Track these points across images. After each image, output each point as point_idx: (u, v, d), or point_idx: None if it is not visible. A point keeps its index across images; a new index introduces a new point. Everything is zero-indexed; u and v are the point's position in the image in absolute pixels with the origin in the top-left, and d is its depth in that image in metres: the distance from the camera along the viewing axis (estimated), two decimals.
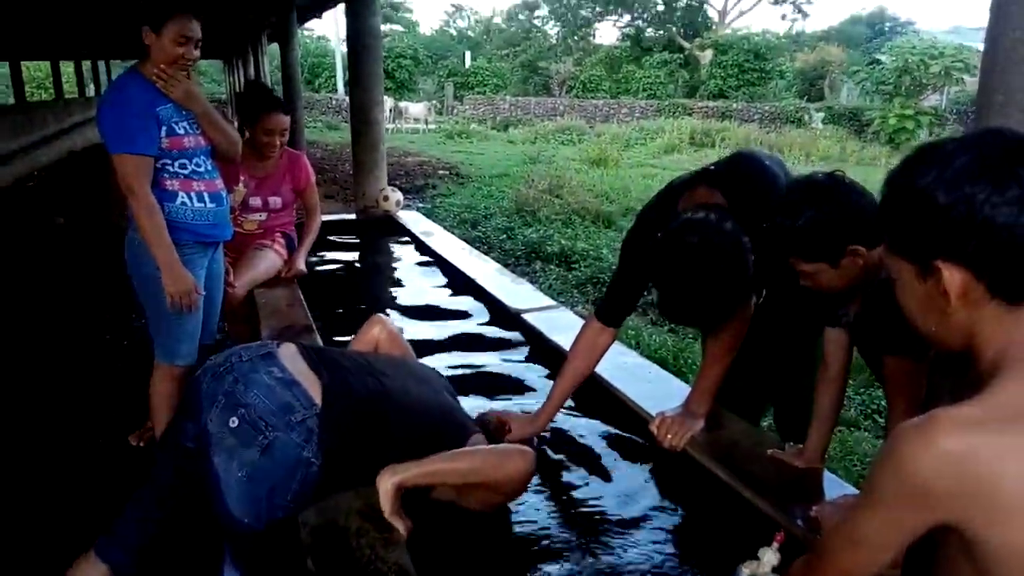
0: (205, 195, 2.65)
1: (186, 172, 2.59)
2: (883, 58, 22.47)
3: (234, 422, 1.59)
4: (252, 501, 1.58)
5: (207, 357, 1.87)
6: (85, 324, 4.61)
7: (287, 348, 1.76)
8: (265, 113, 3.28)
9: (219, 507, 1.59)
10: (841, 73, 27.87)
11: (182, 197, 2.60)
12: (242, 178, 3.33)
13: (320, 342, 2.69)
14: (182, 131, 2.57)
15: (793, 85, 28.68)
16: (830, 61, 28.95)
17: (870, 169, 13.71)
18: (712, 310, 1.91)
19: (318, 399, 1.64)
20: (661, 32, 31.66)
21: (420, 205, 8.83)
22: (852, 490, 1.80)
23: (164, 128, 2.51)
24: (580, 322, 3.01)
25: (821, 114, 21.70)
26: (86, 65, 21.74)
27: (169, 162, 2.56)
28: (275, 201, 3.42)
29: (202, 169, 2.65)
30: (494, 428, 2.07)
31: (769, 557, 1.46)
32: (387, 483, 1.60)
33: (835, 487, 1.81)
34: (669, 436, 2.03)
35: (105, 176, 2.71)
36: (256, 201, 3.40)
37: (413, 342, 3.08)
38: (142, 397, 2.80)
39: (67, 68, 21.22)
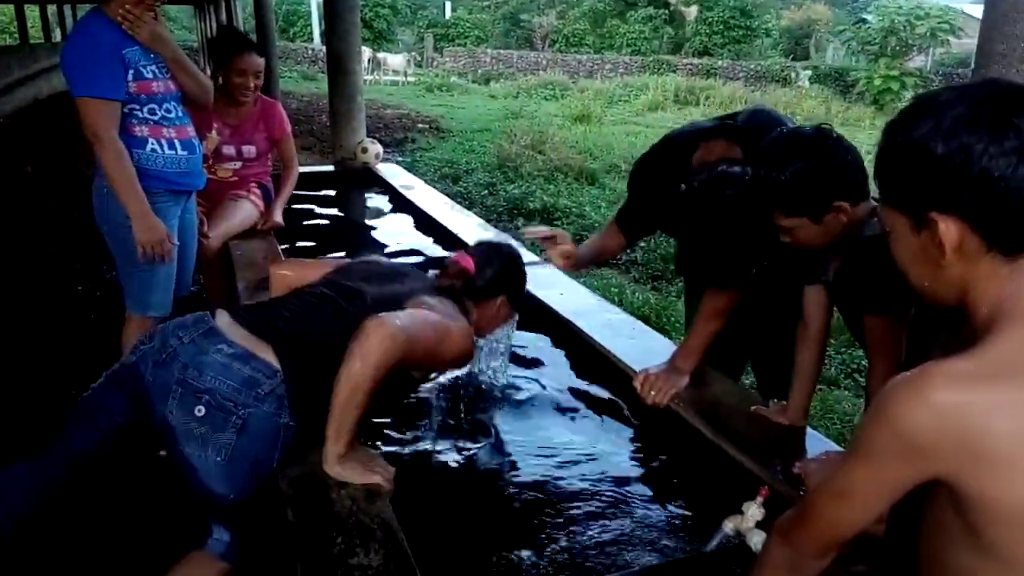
0: (176, 142, 2.56)
1: (155, 118, 2.50)
2: (869, 17, 22.31)
3: (200, 411, 1.51)
4: (235, 478, 1.54)
5: (183, 310, 1.81)
6: (56, 274, 4.50)
7: (222, 317, 1.66)
8: (237, 54, 3.17)
9: (199, 488, 1.54)
10: (827, 32, 27.69)
11: (152, 144, 2.51)
12: (215, 126, 3.23)
13: None
14: (150, 75, 2.47)
15: (779, 44, 28.47)
16: (817, 19, 28.75)
17: (855, 130, 13.70)
18: (736, 265, 1.93)
19: (276, 363, 1.57)
20: None
21: (399, 159, 8.68)
22: (834, 447, 1.81)
23: (131, 72, 2.41)
24: (565, 278, 2.99)
25: (808, 72, 21.57)
26: (51, 9, 20.99)
27: (137, 107, 2.46)
28: (249, 150, 3.33)
29: (172, 115, 2.56)
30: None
31: (753, 511, 1.46)
32: (333, 471, 1.55)
33: (817, 444, 1.82)
34: (653, 393, 2.01)
35: (72, 124, 2.60)
36: (230, 149, 3.30)
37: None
38: (115, 350, 2.74)
39: (32, 12, 20.48)
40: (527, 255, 3.26)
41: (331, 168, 5.22)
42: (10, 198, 6.19)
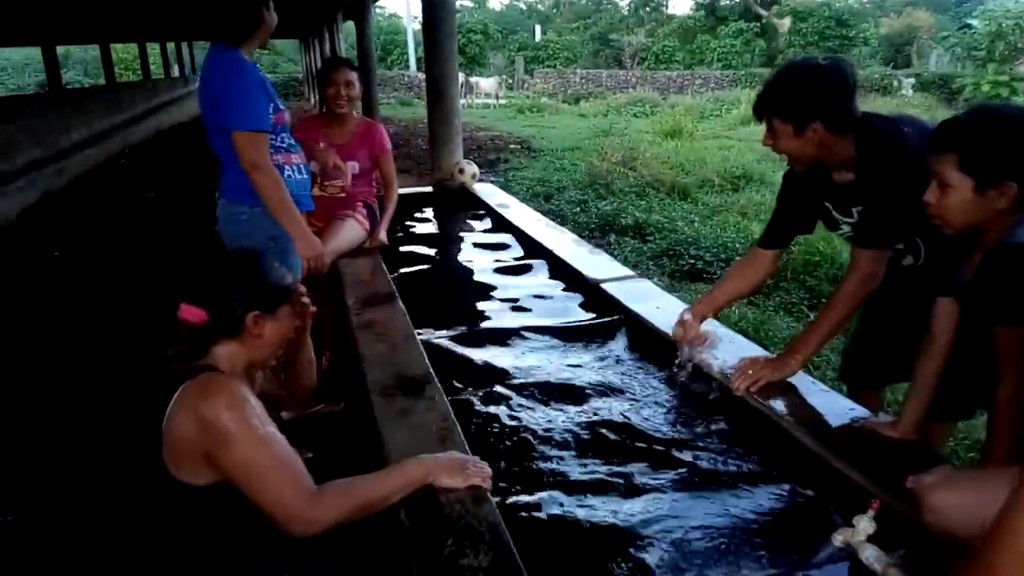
0: (301, 167, 2.78)
1: (285, 146, 2.70)
2: (975, 22, 21.24)
3: None
4: None
5: None
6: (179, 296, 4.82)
7: None
8: (329, 69, 3.43)
9: None
10: (929, 39, 26.49)
11: (288, 170, 2.71)
12: (321, 145, 3.43)
13: (403, 309, 2.75)
14: (282, 107, 2.67)
15: (878, 52, 27.45)
16: (918, 26, 27.59)
17: None
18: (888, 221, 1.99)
19: None
20: (737, 0, 30.65)
21: (493, 179, 8.84)
22: (944, 462, 1.75)
23: (272, 105, 2.60)
24: (660, 292, 2.99)
25: (911, 80, 20.69)
26: (170, 47, 22.50)
27: (274, 137, 2.65)
28: (353, 166, 3.51)
29: (289, 143, 2.75)
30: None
31: (864, 525, 1.44)
32: (438, 481, 1.61)
33: (929, 460, 1.75)
34: (741, 378, 2.05)
35: (192, 153, 2.82)
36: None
37: (492, 309, 3.14)
38: None
39: (153, 50, 22.02)
40: (621, 270, 3.29)
41: (430, 189, 5.39)
42: (134, 222, 6.67)
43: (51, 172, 7.94)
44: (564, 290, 3.33)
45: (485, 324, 3.00)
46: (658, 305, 2.79)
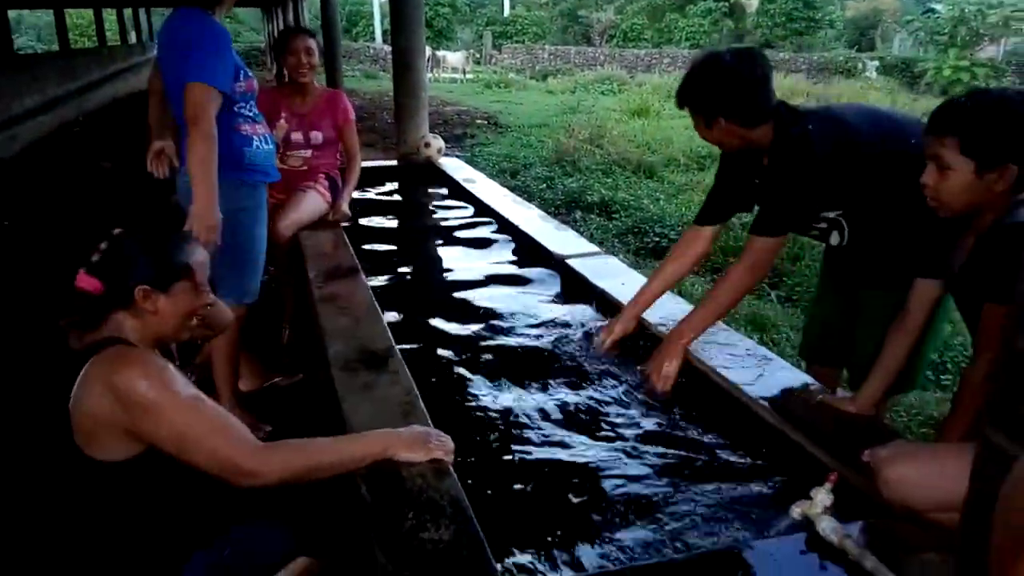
0: (267, 137, 2.70)
1: (252, 115, 2.62)
2: (938, 7, 21.56)
3: None
4: None
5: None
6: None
7: None
8: (289, 37, 3.36)
9: None
10: (894, 22, 26.84)
11: (256, 141, 2.63)
12: (283, 114, 3.36)
13: (366, 283, 2.71)
14: (250, 74, 2.58)
15: (843, 35, 27.74)
16: (883, 10, 27.91)
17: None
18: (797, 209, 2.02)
19: None
20: None
21: (459, 154, 8.77)
22: (902, 438, 1.78)
23: (241, 72, 2.51)
24: (625, 268, 3.00)
25: (875, 63, 20.96)
26: (127, 12, 21.82)
27: (244, 105, 2.57)
28: (316, 136, 3.44)
29: (256, 113, 2.67)
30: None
31: (822, 497, 1.45)
32: (398, 455, 1.59)
33: (885, 435, 1.78)
34: (657, 382, 2.10)
35: (145, 122, 2.72)
36: (298, 136, 3.43)
37: (457, 284, 3.12)
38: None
39: (109, 15, 21.34)
40: (586, 246, 3.28)
41: (395, 163, 5.32)
42: (89, 192, 6.48)
43: (3, 139, 7.68)
44: (530, 266, 3.31)
45: (449, 299, 2.98)
46: (623, 281, 2.79)
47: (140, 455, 1.51)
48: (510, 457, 1.91)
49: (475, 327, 2.69)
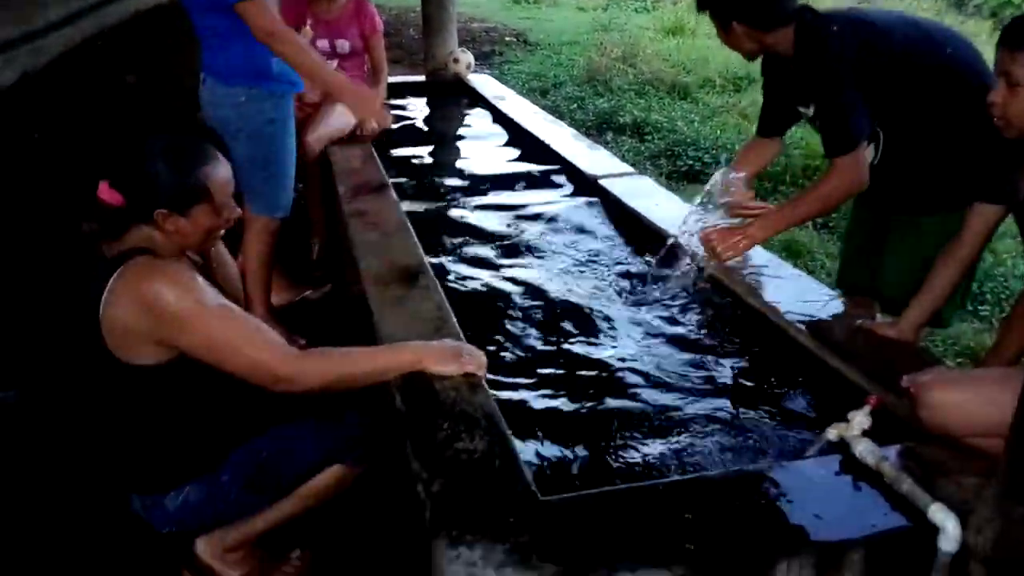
0: None
1: None
2: None
3: None
4: None
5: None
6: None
7: None
8: None
9: None
10: None
11: None
12: (308, 22, 3.28)
13: (395, 199, 2.68)
14: None
15: None
16: None
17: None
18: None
19: None
20: None
21: (487, 72, 8.56)
22: (944, 364, 1.75)
23: None
24: (659, 189, 2.93)
25: None
26: None
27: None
28: (342, 44, 3.37)
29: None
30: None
31: (860, 420, 1.43)
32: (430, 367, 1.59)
33: (924, 362, 1.75)
34: (721, 248, 2.06)
35: (173, 36, 2.64)
36: (323, 44, 3.35)
37: (485, 202, 3.07)
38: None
39: None
40: (620, 166, 3.20)
41: (422, 78, 5.20)
42: (115, 106, 6.43)
43: (28, 51, 7.61)
44: (561, 185, 3.25)
45: (478, 217, 2.94)
46: (657, 202, 2.73)
47: (171, 361, 1.54)
48: (541, 372, 1.91)
49: (504, 245, 2.67)
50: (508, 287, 2.35)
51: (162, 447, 1.66)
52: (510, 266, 2.48)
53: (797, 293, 2.05)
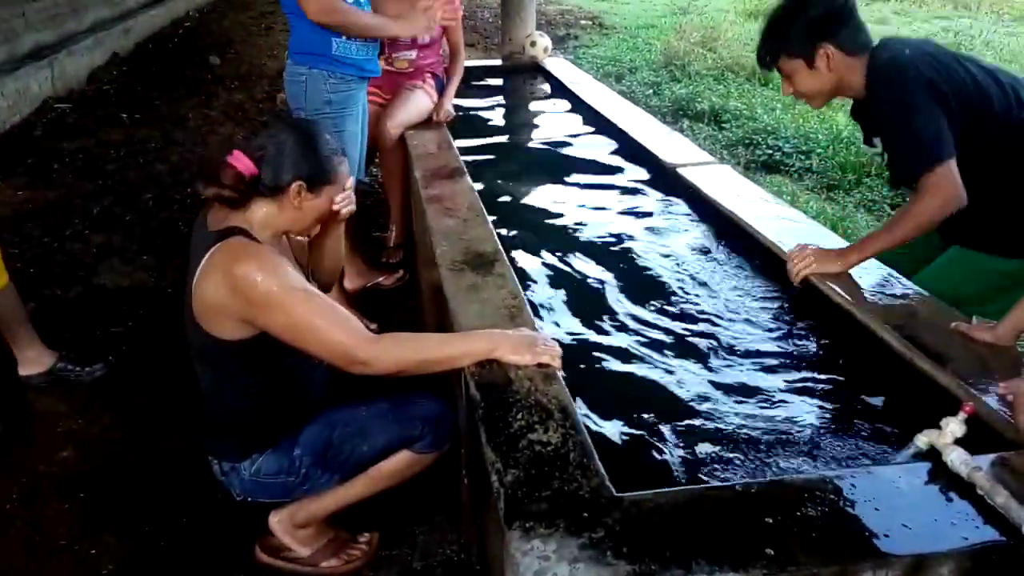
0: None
1: (349, 3, 2.57)
2: None
3: None
4: None
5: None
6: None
7: None
8: None
9: None
10: None
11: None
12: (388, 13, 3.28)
13: (471, 185, 2.69)
14: None
15: None
16: None
17: None
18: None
19: None
20: None
21: (563, 56, 8.49)
22: None
23: None
24: (740, 179, 2.85)
25: None
26: None
27: None
28: (423, 36, 3.36)
29: (362, 2, 2.64)
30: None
31: (953, 427, 1.37)
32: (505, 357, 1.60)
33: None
34: (800, 265, 2.00)
35: (257, 17, 2.72)
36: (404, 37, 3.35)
37: (562, 189, 3.05)
38: None
39: None
40: (700, 155, 3.14)
41: (499, 62, 5.19)
42: (199, 86, 6.64)
43: (118, 32, 7.90)
44: (638, 172, 3.20)
45: (554, 203, 2.92)
46: (739, 193, 2.66)
47: (253, 338, 1.60)
48: (617, 366, 1.89)
49: (579, 233, 2.64)
50: (583, 276, 2.33)
51: (240, 416, 1.73)
52: (585, 255, 2.46)
53: (882, 288, 1.97)
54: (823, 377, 1.82)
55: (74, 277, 3.39)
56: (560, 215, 2.79)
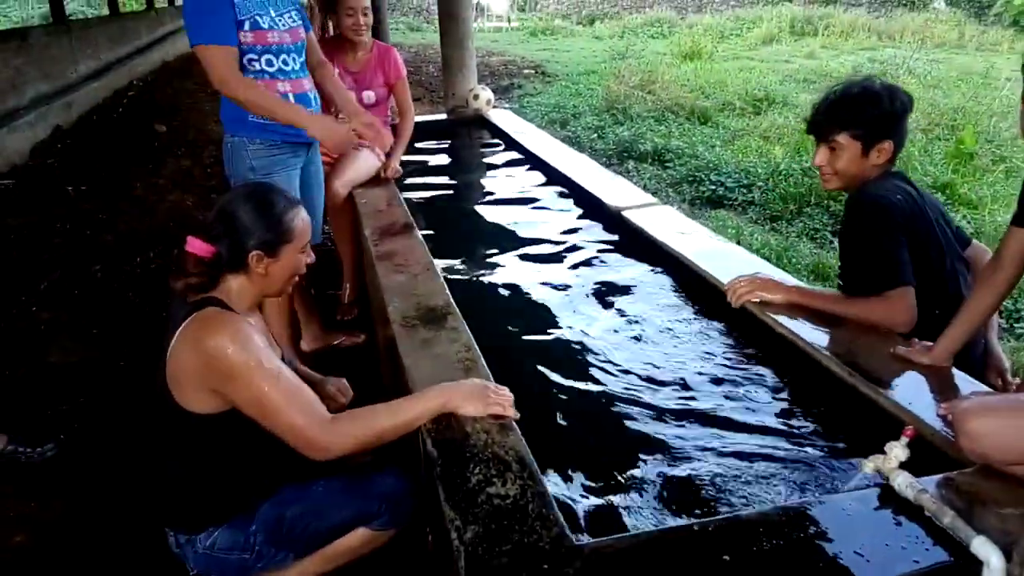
0: (291, 95, 2.63)
1: (272, 70, 2.57)
2: None
3: None
4: None
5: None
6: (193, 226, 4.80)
7: None
8: None
9: None
10: None
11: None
12: (336, 71, 3.33)
13: (421, 239, 2.71)
14: (267, 25, 2.52)
15: None
16: None
17: (992, 55, 12.58)
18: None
19: None
20: None
21: (507, 105, 8.66)
22: (982, 387, 1.72)
23: (247, 22, 2.48)
24: (683, 218, 2.93)
25: None
26: None
27: (255, 58, 2.53)
28: (369, 96, 3.42)
29: (289, 68, 2.62)
30: None
31: (897, 452, 1.41)
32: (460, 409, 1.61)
33: (965, 386, 1.72)
34: (738, 293, 2.07)
35: (201, 83, 2.74)
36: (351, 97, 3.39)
37: (511, 238, 3.09)
38: None
39: None
40: (642, 197, 3.22)
41: (444, 117, 5.27)
42: (145, 155, 6.60)
43: (60, 106, 7.84)
44: (584, 218, 3.27)
45: (504, 254, 2.96)
46: (682, 231, 2.73)
47: (219, 413, 1.60)
48: (572, 410, 1.90)
49: (531, 282, 2.68)
50: (535, 324, 2.36)
51: (199, 488, 1.70)
52: (536, 303, 2.50)
53: (829, 318, 2.03)
54: (774, 407, 1.86)
55: (22, 356, 3.30)
56: (510, 265, 2.83)
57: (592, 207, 3.28)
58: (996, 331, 2.11)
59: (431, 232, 3.09)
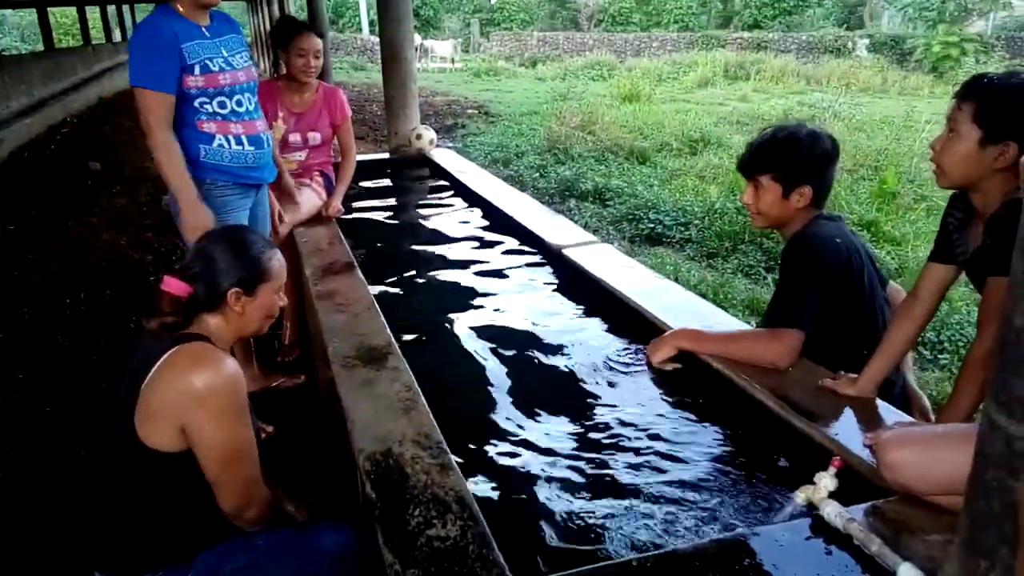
0: (244, 137, 2.62)
1: (225, 112, 2.57)
2: None
3: None
4: None
5: None
6: (133, 266, 4.68)
7: None
8: (296, 34, 3.28)
9: None
10: (882, 0, 26.77)
11: (219, 140, 2.58)
12: (280, 114, 3.32)
13: (363, 279, 2.71)
14: (217, 68, 2.52)
15: (831, 13, 27.64)
16: None
17: (913, 99, 13.26)
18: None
19: None
20: None
21: (450, 145, 8.74)
22: (905, 417, 1.79)
23: (198, 66, 2.47)
24: (621, 256, 2.99)
25: (865, 41, 20.93)
26: (111, 10, 21.61)
27: (207, 100, 2.52)
28: (314, 137, 3.42)
29: (242, 109, 2.62)
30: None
31: (826, 482, 1.46)
32: None
33: (889, 416, 1.79)
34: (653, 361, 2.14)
35: (138, 122, 2.71)
36: (296, 138, 3.39)
37: (453, 277, 3.11)
38: None
39: (93, 13, 21.13)
40: (582, 235, 3.28)
41: (387, 156, 5.29)
42: (79, 193, 6.43)
43: None
44: (525, 256, 3.30)
45: (446, 293, 2.97)
46: (621, 268, 2.79)
47: (180, 453, 1.57)
48: (512, 449, 1.91)
49: (472, 321, 2.69)
50: (476, 362, 2.36)
51: (141, 528, 1.65)
52: (477, 341, 2.50)
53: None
54: (709, 441, 1.90)
55: None
56: (452, 303, 2.83)
57: (533, 245, 3.32)
58: (912, 372, 2.22)
59: (373, 271, 3.08)
